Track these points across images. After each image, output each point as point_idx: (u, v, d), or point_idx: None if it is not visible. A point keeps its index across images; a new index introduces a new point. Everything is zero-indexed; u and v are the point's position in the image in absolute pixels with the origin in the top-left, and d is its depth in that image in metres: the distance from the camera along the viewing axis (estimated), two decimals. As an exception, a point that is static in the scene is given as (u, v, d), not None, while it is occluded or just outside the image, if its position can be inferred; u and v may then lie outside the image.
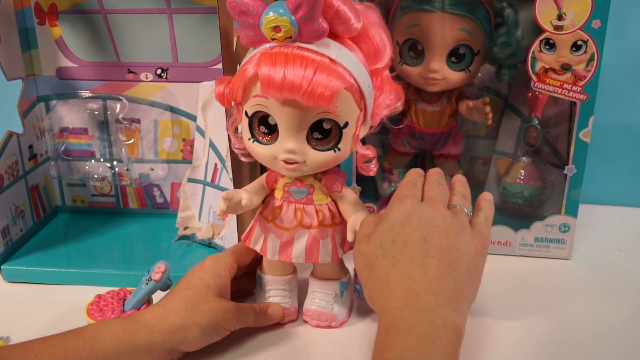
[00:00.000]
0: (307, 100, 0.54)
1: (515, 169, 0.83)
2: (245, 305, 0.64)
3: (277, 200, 0.64)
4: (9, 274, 0.77)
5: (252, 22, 0.55)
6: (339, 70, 0.55)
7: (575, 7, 0.69)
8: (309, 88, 0.53)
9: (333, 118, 0.57)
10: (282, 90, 0.54)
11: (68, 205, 0.92)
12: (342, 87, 0.55)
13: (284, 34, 0.54)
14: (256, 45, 0.57)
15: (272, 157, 0.59)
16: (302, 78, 0.53)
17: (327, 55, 0.55)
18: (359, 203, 0.65)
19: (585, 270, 0.79)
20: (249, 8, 0.54)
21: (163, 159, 0.88)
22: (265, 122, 0.58)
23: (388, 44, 0.60)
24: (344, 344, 0.65)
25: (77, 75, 0.85)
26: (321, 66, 0.54)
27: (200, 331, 0.59)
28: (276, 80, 0.54)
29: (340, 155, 0.59)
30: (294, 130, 0.57)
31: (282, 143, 0.58)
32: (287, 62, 0.54)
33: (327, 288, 0.67)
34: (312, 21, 0.53)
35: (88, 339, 0.55)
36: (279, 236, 0.64)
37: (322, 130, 0.58)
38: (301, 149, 0.58)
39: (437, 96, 0.81)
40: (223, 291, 0.63)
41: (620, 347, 0.64)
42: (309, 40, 0.55)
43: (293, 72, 0.53)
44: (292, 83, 0.53)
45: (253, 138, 0.60)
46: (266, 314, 0.65)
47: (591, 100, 0.72)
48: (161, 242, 0.84)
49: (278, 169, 0.61)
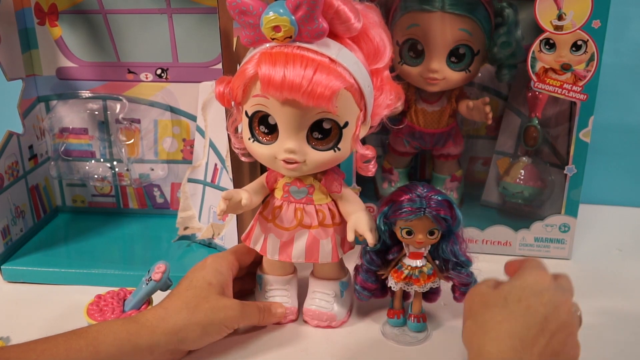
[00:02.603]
0: (307, 100, 0.54)
1: (515, 169, 0.83)
2: (249, 303, 0.64)
3: (277, 200, 0.64)
4: (9, 274, 0.77)
5: (252, 22, 0.55)
6: (338, 70, 0.55)
7: (575, 7, 0.69)
8: (308, 88, 0.53)
9: (333, 118, 0.57)
10: (282, 89, 0.54)
11: (68, 206, 0.92)
12: (341, 86, 0.55)
13: (284, 33, 0.54)
14: (256, 45, 0.57)
15: (272, 157, 0.59)
16: (302, 78, 0.53)
17: (327, 55, 0.55)
18: (358, 203, 0.65)
19: (585, 270, 0.79)
20: (249, 8, 0.54)
21: (163, 159, 0.88)
22: (265, 121, 0.58)
23: (388, 44, 0.60)
24: (344, 344, 0.65)
25: (77, 76, 0.85)
26: (321, 66, 0.54)
27: (202, 330, 0.60)
28: (276, 79, 0.54)
29: (340, 155, 0.59)
30: (294, 130, 0.57)
31: (282, 143, 0.58)
32: (287, 62, 0.54)
33: (328, 288, 0.67)
34: (312, 21, 0.53)
35: (91, 340, 0.55)
36: (279, 236, 0.64)
37: (322, 130, 0.58)
38: (301, 149, 0.58)
39: (437, 96, 0.81)
40: (225, 289, 0.63)
41: (620, 347, 0.64)
42: (309, 40, 0.55)
43: (293, 72, 0.53)
44: (292, 83, 0.53)
45: (253, 138, 0.60)
46: (270, 312, 0.65)
47: (591, 100, 0.72)
48: (161, 242, 0.84)
49: (278, 168, 0.61)
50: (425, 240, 0.61)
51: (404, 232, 0.61)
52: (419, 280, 0.63)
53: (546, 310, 0.50)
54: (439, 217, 0.59)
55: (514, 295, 0.52)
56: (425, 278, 0.63)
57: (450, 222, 0.60)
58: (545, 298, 0.51)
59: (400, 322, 0.66)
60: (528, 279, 0.53)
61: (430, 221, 0.60)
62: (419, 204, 0.59)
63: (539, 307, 0.50)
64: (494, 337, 0.49)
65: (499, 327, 0.50)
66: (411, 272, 0.63)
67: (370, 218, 0.63)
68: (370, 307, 0.70)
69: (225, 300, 0.62)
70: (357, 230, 0.62)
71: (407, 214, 0.59)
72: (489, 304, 0.52)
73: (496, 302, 0.52)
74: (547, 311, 0.50)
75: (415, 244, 0.61)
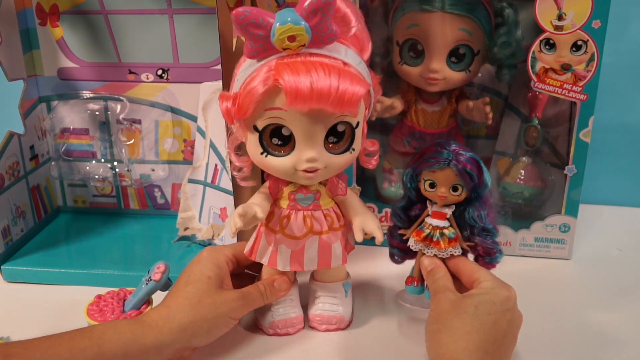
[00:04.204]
0: (335, 108, 0.53)
1: (515, 169, 0.83)
2: (249, 290, 0.63)
3: (284, 209, 0.62)
4: (9, 274, 0.77)
5: (262, 33, 0.53)
6: (354, 72, 0.54)
7: (575, 7, 0.69)
8: (337, 96, 0.52)
9: (349, 120, 0.56)
10: (312, 100, 0.52)
11: (69, 206, 0.92)
12: (364, 90, 0.54)
13: (298, 42, 0.53)
14: (262, 56, 0.55)
15: (292, 169, 0.57)
16: (330, 86, 0.52)
17: (339, 58, 0.54)
18: (361, 203, 0.64)
19: (585, 270, 0.79)
20: (258, 19, 0.52)
21: (164, 160, 0.88)
22: (278, 133, 0.57)
23: (369, 36, 0.60)
24: (344, 344, 0.65)
25: (78, 76, 0.85)
26: (342, 72, 0.53)
27: (208, 325, 0.60)
28: (303, 90, 0.52)
29: (354, 155, 0.59)
30: (312, 137, 0.56)
31: (301, 153, 0.57)
32: (309, 71, 0.52)
33: (333, 290, 0.67)
34: (326, 27, 0.53)
35: (95, 339, 0.55)
36: (290, 246, 0.62)
37: (336, 133, 0.57)
38: (321, 156, 0.57)
39: (437, 96, 0.81)
40: (224, 280, 0.63)
41: (620, 346, 0.64)
42: (320, 45, 0.54)
43: (319, 81, 0.52)
44: (321, 92, 0.52)
45: (265, 152, 0.58)
46: (273, 288, 0.64)
47: (591, 100, 0.72)
48: (161, 243, 0.84)
49: (296, 179, 0.59)
50: (448, 195, 0.60)
51: (427, 184, 0.60)
52: (439, 243, 0.62)
53: (507, 327, 0.56)
54: (464, 172, 0.58)
55: (485, 308, 0.55)
56: (446, 242, 0.62)
57: (476, 181, 0.59)
58: (509, 315, 0.56)
59: (418, 289, 0.65)
60: (500, 294, 0.57)
61: (454, 174, 0.59)
62: (445, 155, 0.59)
63: (503, 323, 0.55)
64: (463, 347, 0.53)
65: (469, 337, 0.53)
66: (432, 232, 0.62)
67: (375, 217, 0.63)
68: (371, 307, 0.71)
69: (226, 292, 0.61)
70: (365, 229, 0.62)
71: (431, 163, 0.59)
72: (459, 310, 0.56)
73: (467, 310, 0.55)
74: (508, 328, 0.56)
75: (438, 198, 0.60)
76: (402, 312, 0.69)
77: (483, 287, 0.58)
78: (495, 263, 0.64)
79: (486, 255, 0.63)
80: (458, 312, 0.55)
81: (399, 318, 0.68)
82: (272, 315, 0.65)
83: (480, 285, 0.58)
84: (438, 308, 0.57)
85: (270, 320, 0.65)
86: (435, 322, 0.57)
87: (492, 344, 0.54)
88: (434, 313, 0.57)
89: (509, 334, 0.56)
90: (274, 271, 0.65)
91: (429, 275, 0.62)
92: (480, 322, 0.54)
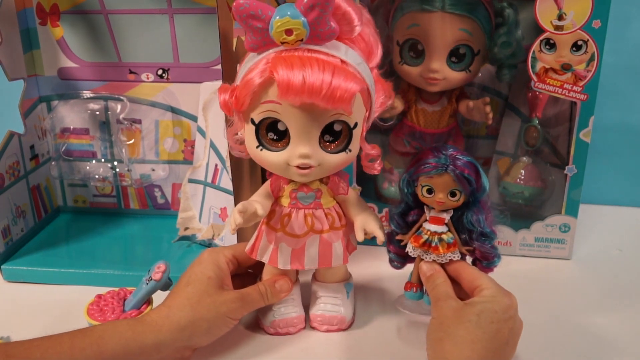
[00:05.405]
0: (327, 103, 0.53)
1: (516, 169, 0.83)
2: (249, 291, 0.63)
3: (285, 207, 0.62)
4: (10, 274, 0.77)
5: (261, 26, 0.54)
6: (351, 71, 0.55)
7: (576, 7, 0.69)
8: (329, 91, 0.52)
9: (345, 120, 0.56)
10: (302, 93, 0.52)
11: (69, 206, 0.92)
12: (359, 88, 0.54)
13: (296, 36, 0.53)
14: (262, 49, 0.56)
15: (285, 164, 0.58)
16: (322, 81, 0.52)
17: (337, 56, 0.55)
18: (363, 203, 0.64)
19: (585, 270, 0.79)
20: (257, 12, 0.53)
21: (164, 160, 0.88)
22: (274, 128, 0.57)
23: (379, 42, 0.60)
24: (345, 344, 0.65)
25: (79, 76, 0.85)
26: (337, 68, 0.53)
27: (208, 325, 0.60)
28: (296, 84, 0.52)
29: (351, 156, 0.59)
30: (307, 134, 0.56)
31: (294, 148, 0.57)
32: (303, 65, 0.52)
33: (334, 291, 0.67)
34: (324, 23, 0.53)
35: (96, 338, 0.55)
36: (290, 244, 0.62)
37: (332, 132, 0.57)
38: (315, 153, 0.57)
39: (438, 96, 0.81)
40: (225, 281, 0.63)
41: (620, 346, 0.64)
42: (319, 42, 0.54)
43: (312, 75, 0.52)
44: (313, 86, 0.52)
45: (261, 146, 0.58)
46: (274, 289, 0.64)
47: (591, 100, 0.73)
48: (162, 243, 0.84)
49: (290, 175, 0.59)
50: (446, 201, 0.59)
51: (425, 189, 0.59)
52: (437, 249, 0.61)
53: (509, 335, 0.56)
54: (462, 177, 0.58)
55: (487, 316, 0.55)
56: (444, 247, 0.61)
57: (474, 186, 0.58)
58: (510, 324, 0.56)
59: (417, 295, 0.64)
60: (501, 302, 0.57)
61: (452, 180, 0.58)
62: (442, 160, 0.58)
63: (505, 332, 0.56)
64: (468, 356, 0.53)
65: (473, 346, 0.54)
66: (430, 237, 0.61)
67: (376, 217, 0.63)
68: (370, 307, 0.71)
69: (226, 293, 0.62)
70: (366, 229, 0.62)
71: (428, 169, 0.58)
72: (462, 318, 0.56)
73: (470, 318, 0.55)
74: (509, 336, 0.56)
75: (435, 204, 0.60)
76: (403, 315, 0.69)
77: (485, 295, 0.57)
78: (492, 267, 0.63)
79: (484, 260, 0.63)
80: (461, 320, 0.55)
81: (400, 320, 0.68)
82: (273, 315, 0.65)
83: (482, 292, 0.58)
84: (440, 316, 0.57)
85: (271, 320, 0.65)
86: (438, 329, 0.57)
87: (495, 353, 0.54)
88: (437, 321, 0.57)
89: (510, 342, 0.56)
90: (276, 271, 0.65)
91: (428, 281, 0.62)
92: (483, 331, 0.54)
